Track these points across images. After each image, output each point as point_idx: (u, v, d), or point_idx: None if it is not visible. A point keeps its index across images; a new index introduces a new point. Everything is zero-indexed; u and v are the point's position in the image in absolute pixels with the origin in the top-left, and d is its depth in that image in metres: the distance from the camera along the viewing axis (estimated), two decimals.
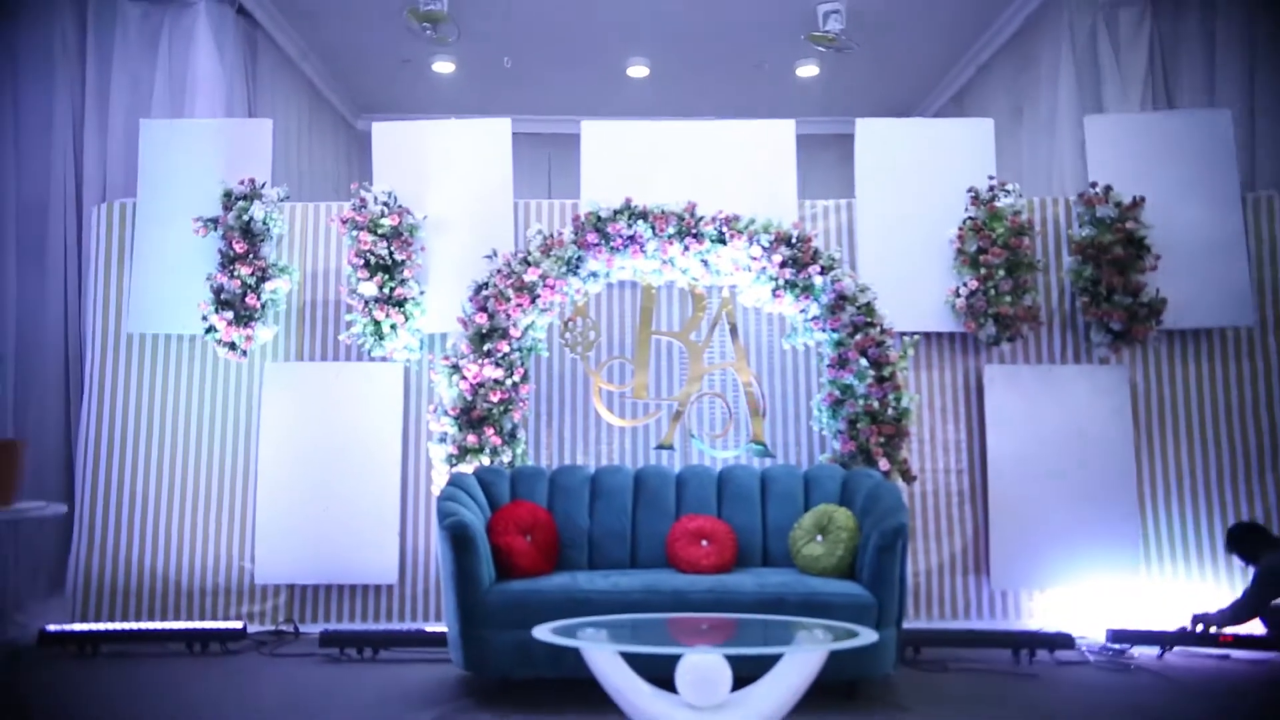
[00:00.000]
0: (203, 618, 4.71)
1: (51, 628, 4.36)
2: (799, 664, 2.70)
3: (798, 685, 2.69)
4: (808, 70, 7.67)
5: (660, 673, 2.67)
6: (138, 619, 4.69)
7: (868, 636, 2.75)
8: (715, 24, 6.95)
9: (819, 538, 3.83)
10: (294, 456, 4.79)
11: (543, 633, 2.81)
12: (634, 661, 2.68)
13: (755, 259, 4.48)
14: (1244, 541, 3.98)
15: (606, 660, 2.71)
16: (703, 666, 2.64)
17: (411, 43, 6.96)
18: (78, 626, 4.40)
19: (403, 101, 8.37)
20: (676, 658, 2.65)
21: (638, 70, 7.79)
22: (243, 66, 6.17)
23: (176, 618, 4.72)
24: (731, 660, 2.64)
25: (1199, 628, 3.96)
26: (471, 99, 8.16)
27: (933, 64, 7.64)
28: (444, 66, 7.59)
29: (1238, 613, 3.83)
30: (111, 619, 4.68)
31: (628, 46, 7.47)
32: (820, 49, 6.88)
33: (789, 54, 7.39)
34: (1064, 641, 4.19)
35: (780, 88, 8.00)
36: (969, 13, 6.67)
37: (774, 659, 2.72)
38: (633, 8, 6.73)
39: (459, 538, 3.51)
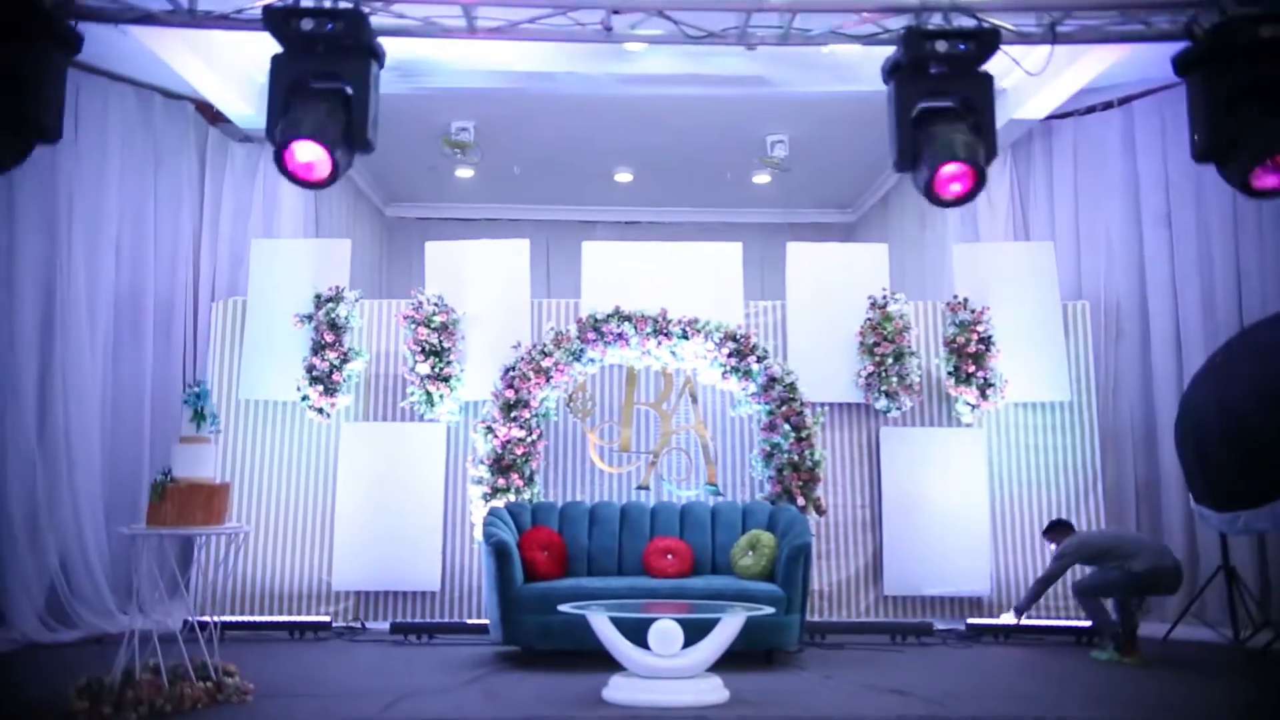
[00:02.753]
0: (292, 614, 6.24)
1: (190, 618, 5.87)
2: (727, 626, 4.33)
3: (724, 642, 4.31)
4: (762, 179, 9.45)
5: (637, 638, 4.27)
6: (244, 614, 6.20)
7: (777, 614, 4.39)
8: (686, 146, 8.71)
9: (750, 553, 5.47)
10: (363, 493, 6.38)
11: (566, 609, 4.44)
12: (620, 627, 4.29)
13: (710, 351, 6.18)
14: (1054, 529, 5.74)
15: (603, 624, 4.33)
16: (665, 629, 4.26)
17: (439, 154, 8.65)
18: (201, 618, 5.91)
19: (426, 194, 10.08)
20: (648, 624, 4.27)
21: (623, 176, 9.55)
22: None
23: (272, 614, 6.24)
24: (684, 626, 4.26)
25: (1018, 617, 5.61)
26: (486, 193, 9.88)
27: (861, 175, 9.46)
28: (464, 172, 9.30)
29: (1038, 586, 5.48)
30: (223, 614, 6.18)
31: (615, 159, 9.23)
32: (769, 168, 8.69)
33: (745, 167, 9.15)
34: (925, 629, 5.87)
35: (739, 190, 9.78)
36: (882, 144, 8.48)
37: (713, 625, 4.34)
38: (621, 133, 8.47)
39: (501, 552, 5.14)
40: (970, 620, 6.09)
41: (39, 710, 4.05)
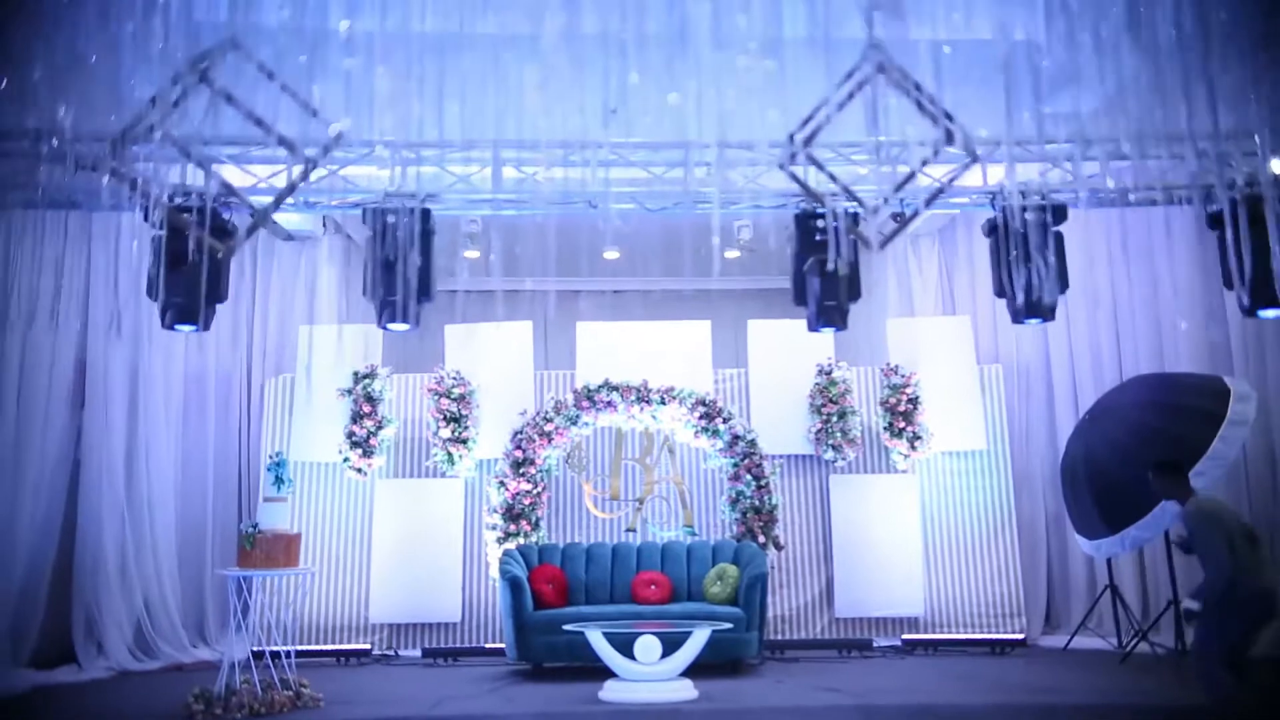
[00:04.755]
0: (335, 644, 7.37)
1: (256, 649, 7.00)
2: (696, 639, 5.52)
3: (694, 652, 5.50)
4: (733, 253, 10.79)
5: (626, 651, 5.45)
6: (293, 645, 7.30)
7: (738, 630, 5.60)
8: (665, 231, 10.06)
9: (719, 582, 6.67)
10: (395, 539, 7.56)
11: (570, 628, 5.63)
12: (612, 642, 5.48)
13: (684, 415, 7.44)
14: (1168, 471, 4.67)
15: (599, 640, 5.52)
16: (647, 643, 5.45)
17: (451, 245, 9.93)
18: (271, 647, 7.05)
19: (438, 272, 11.36)
20: (634, 639, 5.46)
21: (611, 254, 10.87)
22: (344, 265, 9.11)
23: (317, 644, 7.36)
24: (662, 640, 5.46)
25: (1190, 608, 4.48)
26: (488, 268, 11.20)
27: None
28: (471, 253, 10.60)
29: (1218, 573, 4.30)
30: (277, 645, 7.31)
31: (604, 239, 10.56)
32: (738, 247, 10.04)
33: (719, 244, 10.51)
34: (866, 644, 7.06)
35: (712, 264, 11.11)
36: None
37: (685, 637, 5.53)
38: (607, 219, 9.80)
39: (515, 585, 6.33)
40: (905, 636, 7.28)
41: (156, 717, 5.18)
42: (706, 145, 4.88)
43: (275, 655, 5.39)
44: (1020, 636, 7.29)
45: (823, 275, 5.25)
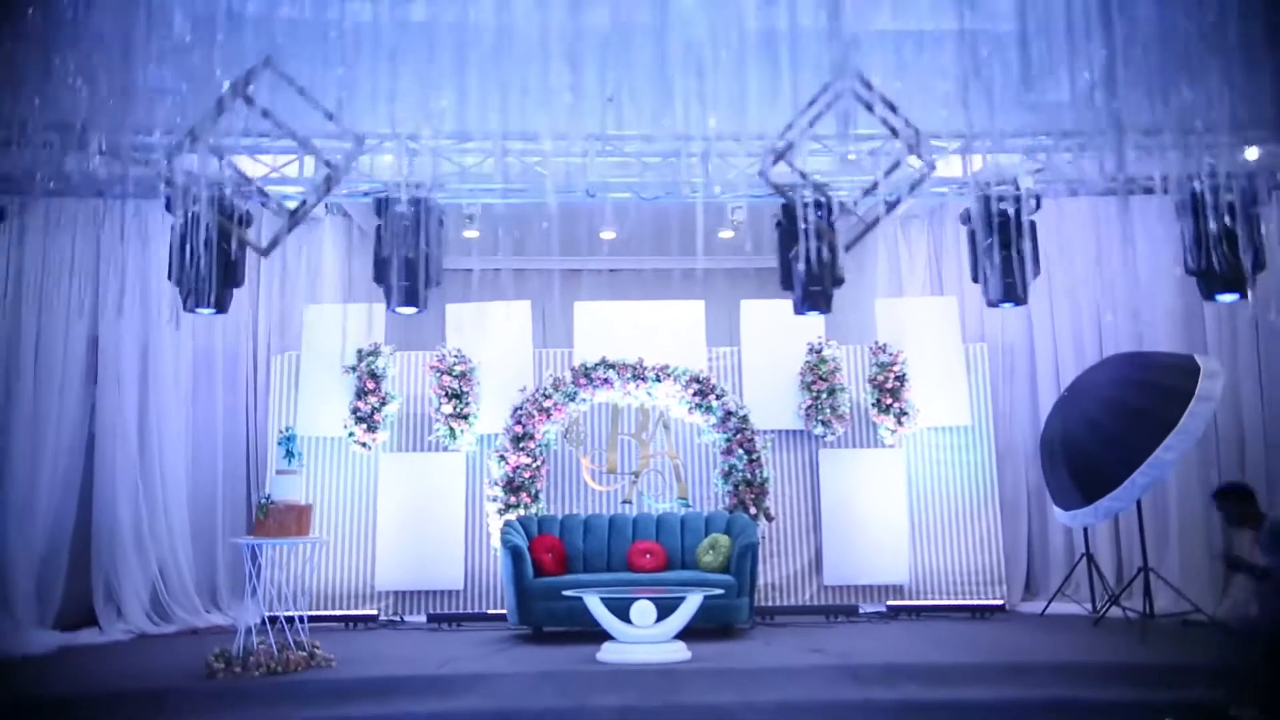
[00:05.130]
0: (343, 609, 7.66)
1: (268, 614, 7.29)
2: (688, 604, 5.82)
3: (687, 616, 5.80)
4: (727, 233, 11.00)
5: (623, 615, 5.75)
6: (303, 610, 7.60)
7: (729, 596, 5.90)
8: (659, 211, 10.25)
9: (711, 551, 6.96)
10: (399, 510, 7.84)
11: (569, 594, 5.93)
12: (609, 607, 5.78)
13: (678, 391, 7.69)
14: (1234, 497, 4.78)
15: (596, 605, 5.81)
16: (643, 607, 5.75)
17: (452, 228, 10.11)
18: (283, 612, 7.34)
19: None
20: (630, 604, 5.76)
21: (607, 234, 11.08)
22: (346, 245, 9.32)
23: (326, 609, 7.65)
24: (657, 605, 5.75)
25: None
26: (488, 246, 11.39)
27: None
28: (471, 233, 10.79)
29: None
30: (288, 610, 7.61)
31: (600, 219, 10.77)
32: (731, 231, 10.25)
33: (712, 226, 10.71)
34: (852, 610, 7.38)
35: (707, 242, 11.28)
36: None
37: (678, 603, 5.82)
38: (605, 201, 9.99)
39: (516, 554, 6.62)
40: (889, 602, 7.60)
41: (178, 675, 5.47)
42: (692, 138, 5.10)
43: (289, 619, 5.67)
44: (1000, 603, 7.62)
45: (806, 262, 5.49)
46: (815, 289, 5.62)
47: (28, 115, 4.29)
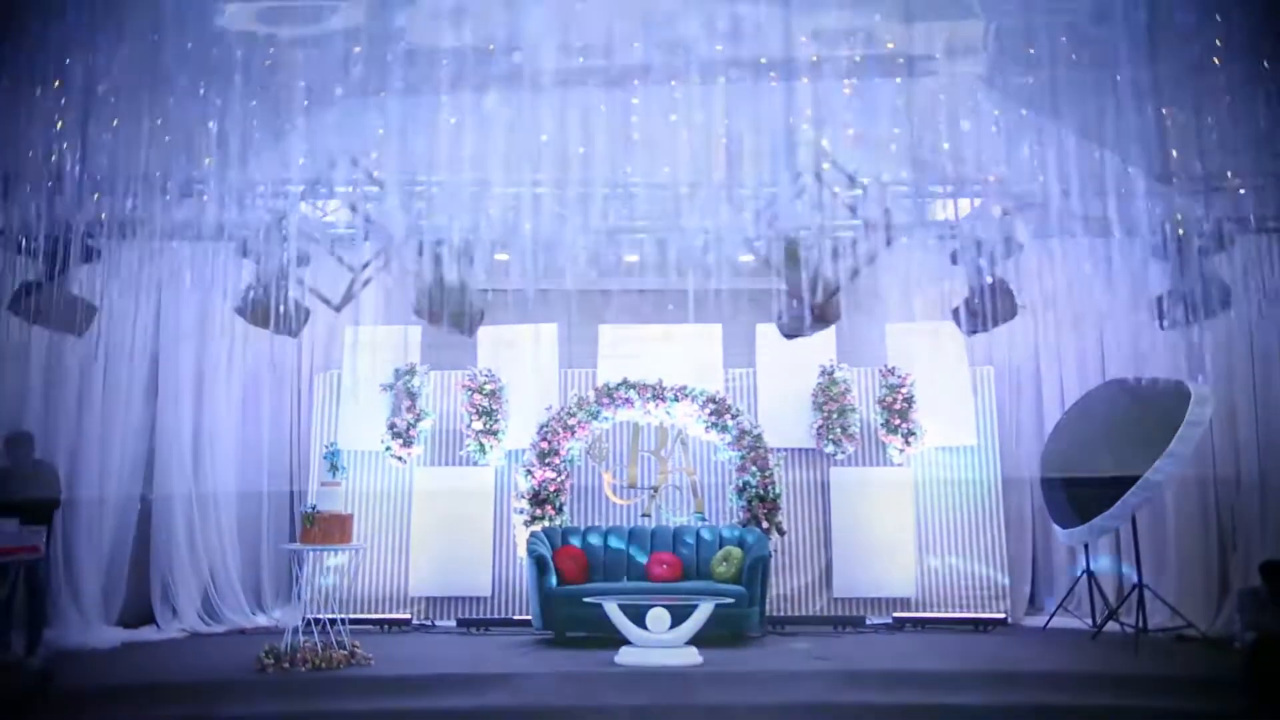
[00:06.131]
0: (377, 614, 8.15)
1: (314, 616, 7.81)
2: (701, 611, 6.23)
3: (699, 622, 6.21)
4: (746, 257, 11.43)
5: (639, 621, 6.17)
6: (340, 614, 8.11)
7: (740, 605, 6.31)
8: (681, 237, 10.72)
9: (725, 563, 7.37)
10: (432, 520, 8.33)
11: (590, 601, 6.37)
12: (626, 614, 6.20)
13: (696, 411, 8.12)
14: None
15: (614, 611, 6.24)
16: (658, 614, 6.17)
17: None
18: (323, 615, 7.85)
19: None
20: (647, 611, 6.18)
21: (630, 256, 11.58)
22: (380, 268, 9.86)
23: (362, 613, 8.14)
24: (671, 612, 6.17)
25: None
26: (513, 267, 11.93)
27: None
28: (501, 256, 11.33)
29: None
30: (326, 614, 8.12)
31: (624, 245, 11.26)
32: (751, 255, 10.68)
33: (734, 250, 11.15)
34: (859, 621, 7.74)
35: (726, 264, 11.76)
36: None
37: (692, 610, 6.23)
38: (627, 224, 10.49)
39: (541, 563, 7.08)
40: (895, 614, 7.94)
41: (232, 669, 5.98)
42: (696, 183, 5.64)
43: (331, 621, 6.16)
44: (1003, 616, 7.93)
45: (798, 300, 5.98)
46: (794, 320, 6.16)
47: (126, 169, 4.88)
